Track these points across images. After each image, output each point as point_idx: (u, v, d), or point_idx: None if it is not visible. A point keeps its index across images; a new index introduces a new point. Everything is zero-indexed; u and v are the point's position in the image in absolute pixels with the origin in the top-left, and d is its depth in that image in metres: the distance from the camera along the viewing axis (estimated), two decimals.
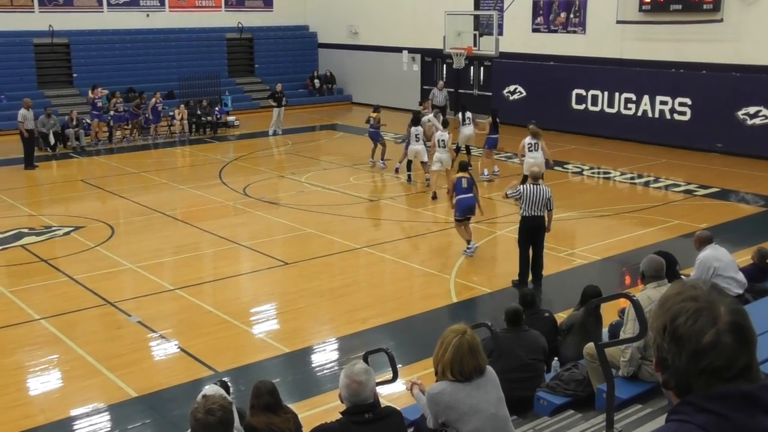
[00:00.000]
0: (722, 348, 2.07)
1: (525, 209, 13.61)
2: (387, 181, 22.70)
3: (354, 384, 5.30)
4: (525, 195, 13.56)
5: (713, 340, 2.07)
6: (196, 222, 18.22)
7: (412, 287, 14.54)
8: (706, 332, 2.08)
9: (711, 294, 2.15)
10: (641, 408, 7.20)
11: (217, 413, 4.85)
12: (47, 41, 33.08)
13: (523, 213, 13.68)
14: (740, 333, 2.09)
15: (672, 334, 2.13)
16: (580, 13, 29.18)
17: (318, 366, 11.29)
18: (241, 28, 38.04)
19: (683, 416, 2.10)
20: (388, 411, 5.55)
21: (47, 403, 10.11)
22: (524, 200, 13.55)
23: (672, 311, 2.15)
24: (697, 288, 2.18)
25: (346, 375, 5.35)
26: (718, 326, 2.08)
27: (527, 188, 13.67)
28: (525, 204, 13.57)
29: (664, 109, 26.70)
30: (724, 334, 2.07)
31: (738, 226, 17.47)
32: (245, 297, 14.05)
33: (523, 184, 14.14)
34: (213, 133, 30.89)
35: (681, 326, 2.11)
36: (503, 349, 7.96)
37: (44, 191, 22.62)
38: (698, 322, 2.09)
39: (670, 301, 2.18)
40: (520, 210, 13.74)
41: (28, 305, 13.18)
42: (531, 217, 13.61)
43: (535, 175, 14.23)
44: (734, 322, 2.09)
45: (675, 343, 2.12)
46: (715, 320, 2.09)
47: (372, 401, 5.39)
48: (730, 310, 2.11)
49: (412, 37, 35.08)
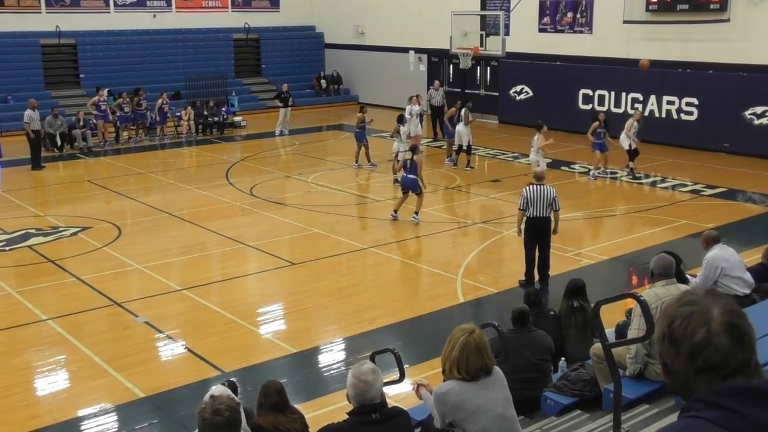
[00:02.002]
0: (716, 346, 2.16)
1: (530, 211, 13.61)
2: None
3: (361, 383, 5.29)
4: (528, 196, 13.56)
5: (705, 339, 2.17)
6: (203, 222, 18.24)
7: (419, 287, 14.55)
8: (697, 332, 2.18)
9: (706, 298, 2.26)
10: (648, 408, 7.19)
11: (224, 413, 4.85)
12: (54, 42, 33.15)
13: (528, 214, 13.69)
14: (734, 331, 2.18)
15: (669, 338, 2.25)
16: (586, 13, 29.15)
17: (325, 366, 11.31)
18: (247, 29, 38.07)
19: (694, 412, 2.15)
20: (395, 411, 5.54)
21: (55, 404, 10.13)
22: (528, 201, 13.56)
23: (669, 317, 2.26)
24: (694, 294, 2.30)
25: (354, 374, 5.34)
26: (710, 326, 2.17)
27: (530, 189, 13.65)
28: (528, 205, 13.57)
29: (671, 109, 26.67)
30: (718, 334, 2.16)
31: (745, 226, 17.44)
32: (252, 297, 14.07)
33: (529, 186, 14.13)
34: (219, 133, 30.93)
35: (676, 329, 2.23)
36: (510, 350, 7.96)
37: (51, 192, 22.66)
38: (691, 324, 2.20)
39: (670, 309, 2.29)
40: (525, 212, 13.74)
41: (36, 306, 13.21)
42: (535, 218, 13.62)
43: (538, 175, 14.21)
44: (728, 321, 2.18)
45: (672, 346, 2.24)
46: (707, 321, 2.19)
47: (379, 401, 5.38)
48: (724, 311, 2.20)
49: (418, 37, 35.07)
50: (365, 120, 23.86)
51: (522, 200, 13.67)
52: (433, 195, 20.67)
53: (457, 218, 18.63)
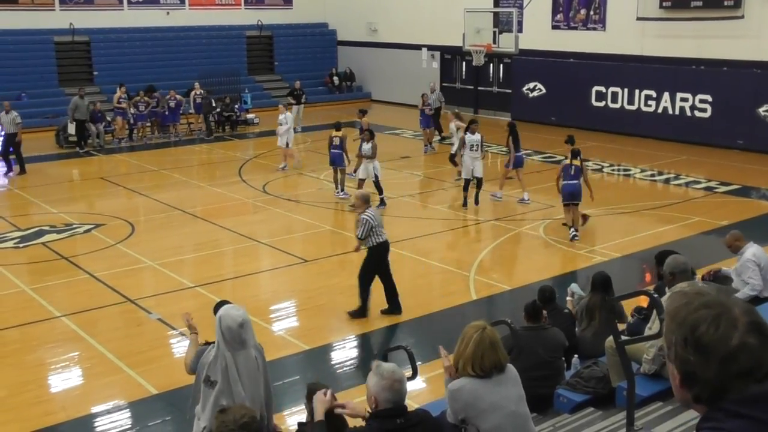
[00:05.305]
0: (749, 349, 2.03)
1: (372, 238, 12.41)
2: (406, 178, 22.65)
3: (397, 384, 5.03)
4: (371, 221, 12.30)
5: (740, 343, 2.03)
6: (216, 219, 18.27)
7: (432, 284, 14.54)
8: (731, 336, 2.04)
9: (720, 297, 2.12)
10: (662, 405, 7.16)
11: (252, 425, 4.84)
12: (68, 39, 33.28)
13: (370, 243, 12.47)
14: (760, 331, 2.06)
15: (695, 344, 2.07)
16: (600, 10, 29.06)
17: (338, 363, 11.31)
18: (260, 26, 38.11)
19: (715, 423, 2.05)
20: (420, 416, 5.24)
21: (69, 400, 10.17)
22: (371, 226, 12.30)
23: (690, 322, 2.09)
24: (705, 294, 2.14)
25: (384, 376, 5.03)
26: (739, 328, 2.04)
27: (371, 213, 12.41)
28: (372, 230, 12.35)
29: (685, 106, 26.57)
30: (747, 335, 2.04)
31: (759, 224, 17.35)
32: (265, 294, 14.09)
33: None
34: (232, 130, 30.96)
35: (704, 335, 2.06)
36: (523, 347, 7.94)
37: (65, 189, 22.73)
38: (720, 328, 2.05)
39: (682, 312, 2.12)
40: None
41: (50, 302, 13.26)
42: (384, 242, 12.64)
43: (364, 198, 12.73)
44: (752, 321, 2.06)
45: (700, 353, 2.06)
46: (735, 323, 2.05)
47: (404, 403, 5.14)
48: (745, 311, 2.08)
49: (431, 34, 35.04)
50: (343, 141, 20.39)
51: (365, 228, 12.29)
52: (445, 192, 20.67)
53: (469, 215, 18.58)
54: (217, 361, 5.97)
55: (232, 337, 5.90)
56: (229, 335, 5.91)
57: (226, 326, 5.92)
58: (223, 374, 5.92)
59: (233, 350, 5.95)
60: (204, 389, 6.09)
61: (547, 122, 29.87)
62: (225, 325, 5.92)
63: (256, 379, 6.06)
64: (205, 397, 6.08)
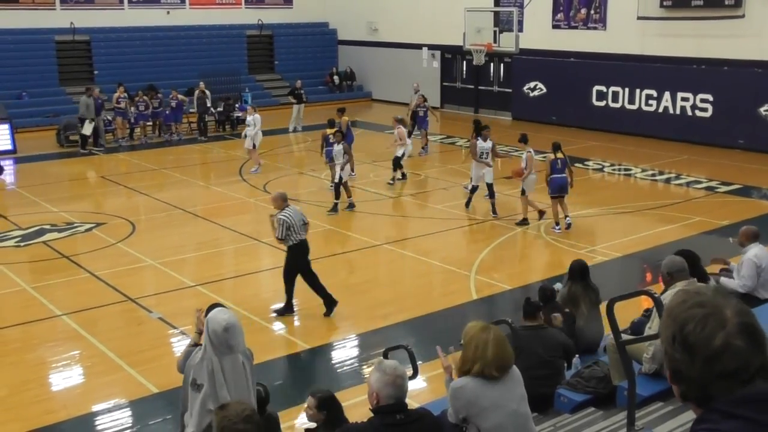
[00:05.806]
0: (734, 350, 2.03)
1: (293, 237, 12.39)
2: (408, 177, 22.64)
3: (399, 380, 5.11)
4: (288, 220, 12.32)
5: (723, 344, 2.03)
6: (217, 218, 18.28)
7: (433, 284, 14.54)
8: (715, 336, 2.04)
9: (716, 298, 2.12)
10: (663, 405, 7.16)
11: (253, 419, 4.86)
12: (68, 38, 33.29)
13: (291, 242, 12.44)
14: (750, 333, 2.06)
15: (682, 342, 2.09)
16: (600, 9, 29.05)
17: (338, 362, 11.31)
18: (261, 25, 38.11)
19: (710, 425, 2.05)
20: (419, 413, 5.34)
21: (69, 399, 10.18)
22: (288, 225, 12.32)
23: (680, 320, 2.11)
24: (701, 294, 2.15)
25: (387, 372, 5.10)
26: (726, 329, 2.05)
27: (287, 213, 12.43)
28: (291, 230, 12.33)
29: (686, 106, 26.57)
30: (734, 336, 2.04)
31: (760, 224, 17.29)
32: (265, 293, 14.09)
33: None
34: (232, 129, 30.95)
35: (690, 334, 2.07)
36: (523, 347, 7.94)
37: (65, 188, 22.72)
38: (707, 328, 2.06)
39: (676, 310, 2.14)
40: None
41: (50, 301, 13.27)
42: (303, 241, 12.63)
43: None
44: (743, 323, 2.06)
45: (687, 351, 2.08)
46: (723, 323, 2.05)
47: (405, 400, 5.22)
48: (737, 312, 2.08)
49: (431, 33, 35.05)
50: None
51: (282, 228, 12.27)
52: (446, 192, 20.66)
53: (470, 215, 18.57)
54: (203, 364, 5.94)
55: (218, 341, 5.86)
56: (215, 339, 5.87)
57: (212, 330, 5.88)
58: (209, 378, 5.88)
59: (220, 354, 5.91)
60: (191, 393, 6.06)
61: (548, 122, 29.87)
62: (211, 328, 5.89)
63: (243, 385, 6.03)
64: (191, 401, 6.07)
